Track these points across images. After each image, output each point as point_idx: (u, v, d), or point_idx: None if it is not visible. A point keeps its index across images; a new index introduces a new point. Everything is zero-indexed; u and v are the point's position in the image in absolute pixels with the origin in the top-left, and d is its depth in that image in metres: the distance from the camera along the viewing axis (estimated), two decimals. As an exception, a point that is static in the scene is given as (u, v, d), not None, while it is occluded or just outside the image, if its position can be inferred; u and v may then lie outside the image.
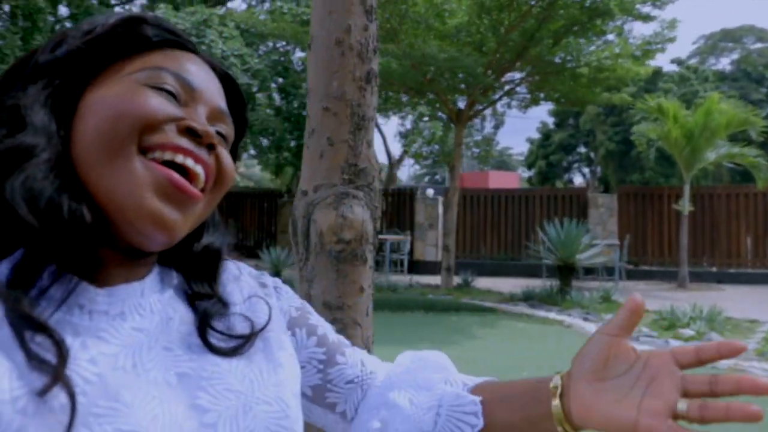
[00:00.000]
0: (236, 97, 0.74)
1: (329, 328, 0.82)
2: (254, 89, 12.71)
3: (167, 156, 0.60)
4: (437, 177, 43.07)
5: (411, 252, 15.07)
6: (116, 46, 0.63)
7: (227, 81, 0.72)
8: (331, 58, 1.62)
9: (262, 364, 0.68)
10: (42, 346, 0.52)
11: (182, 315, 0.66)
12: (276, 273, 12.41)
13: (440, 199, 15.38)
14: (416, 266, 14.84)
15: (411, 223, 15.75)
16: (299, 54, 15.04)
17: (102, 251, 0.61)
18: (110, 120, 0.59)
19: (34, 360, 0.51)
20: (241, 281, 0.75)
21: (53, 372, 0.51)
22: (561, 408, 0.66)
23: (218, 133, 0.66)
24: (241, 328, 0.69)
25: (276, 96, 14.43)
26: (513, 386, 0.74)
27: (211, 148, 0.63)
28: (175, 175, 0.60)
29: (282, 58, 14.78)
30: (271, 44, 14.87)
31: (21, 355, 0.51)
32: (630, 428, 0.60)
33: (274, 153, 15.29)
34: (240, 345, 0.67)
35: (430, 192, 16.25)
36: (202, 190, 0.63)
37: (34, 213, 0.55)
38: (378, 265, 14.44)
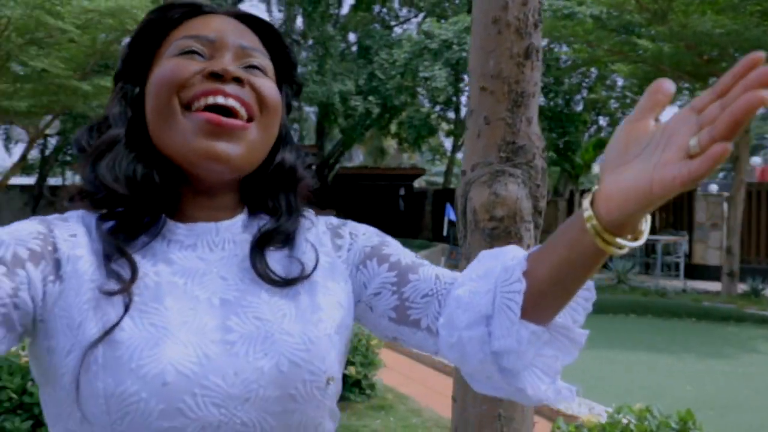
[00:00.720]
0: (267, 30, 0.82)
1: (406, 254, 0.84)
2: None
3: (202, 102, 0.72)
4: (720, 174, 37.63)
5: (689, 255, 13.50)
6: (150, 38, 0.78)
7: (252, 21, 0.81)
8: (487, 37, 1.63)
9: (302, 304, 0.75)
10: (121, 266, 0.70)
11: (248, 255, 0.78)
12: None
13: (725, 195, 13.48)
14: (694, 270, 13.23)
15: (690, 223, 14.11)
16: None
17: (185, 196, 0.77)
18: (155, 95, 0.74)
19: (112, 275, 0.69)
20: (310, 232, 0.84)
21: (123, 284, 0.68)
22: (593, 218, 0.61)
23: (250, 66, 0.76)
24: (291, 270, 0.78)
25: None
26: (556, 232, 0.70)
27: (238, 81, 0.73)
28: (210, 114, 0.71)
29: (544, 56, 14.56)
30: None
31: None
32: (648, 192, 0.55)
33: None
34: (283, 282, 0.76)
35: (714, 188, 14.34)
36: (250, 119, 0.74)
37: (118, 183, 0.72)
38: (648, 268, 13.25)
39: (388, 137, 21.42)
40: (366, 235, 0.86)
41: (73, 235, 0.72)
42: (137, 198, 0.73)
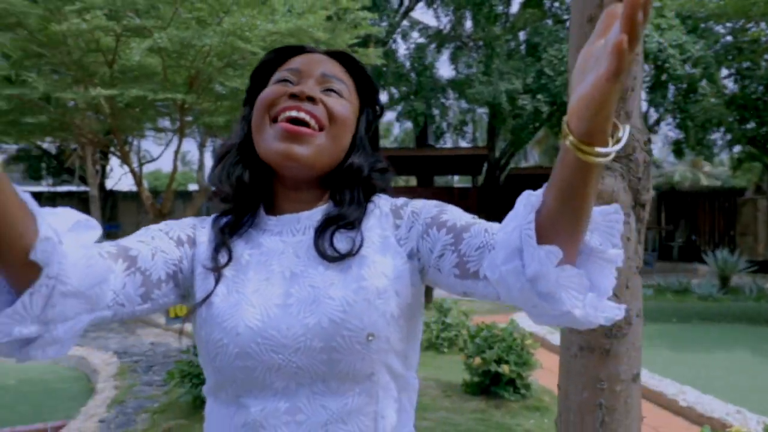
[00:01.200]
0: (352, 64, 1.04)
1: (462, 217, 0.94)
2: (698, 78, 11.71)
3: (283, 116, 0.94)
4: None
5: None
6: (265, 72, 1.04)
7: (341, 57, 1.04)
8: (583, 35, 1.67)
9: (349, 275, 0.93)
10: (222, 252, 0.96)
11: None
12: (723, 279, 11.13)
13: None
14: None
15: None
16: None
17: (277, 192, 1.01)
18: (255, 112, 0.99)
19: (214, 259, 0.95)
20: (373, 214, 1.00)
21: (217, 265, 0.94)
22: (569, 134, 0.69)
23: (329, 89, 0.98)
24: (344, 247, 0.95)
25: (729, 83, 12.93)
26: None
27: (311, 100, 0.95)
28: (286, 124, 0.93)
29: (737, 38, 13.12)
30: (720, 27, 13.38)
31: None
32: (592, 96, 0.63)
33: (725, 146, 13.68)
34: (335, 258, 0.94)
35: None
36: (321, 129, 0.95)
37: (225, 182, 0.99)
38: None
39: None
40: (426, 208, 0.99)
41: (203, 228, 1.01)
42: (239, 193, 0.98)
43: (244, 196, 0.99)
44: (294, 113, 0.93)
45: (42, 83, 7.99)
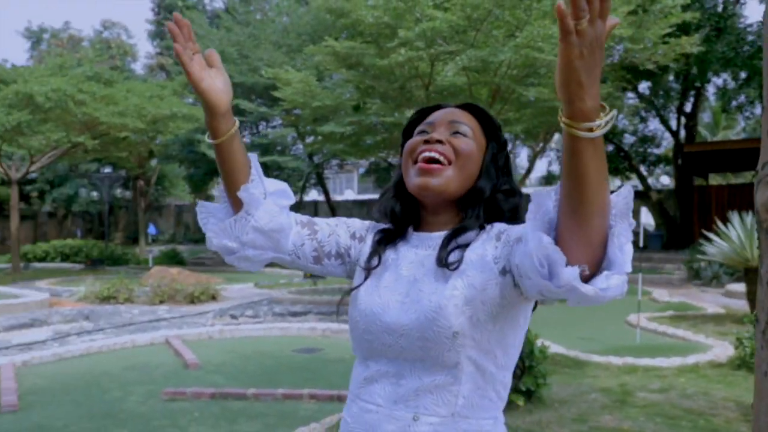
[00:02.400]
0: (477, 110, 1.28)
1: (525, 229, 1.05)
2: None
3: (420, 157, 1.22)
4: None
5: None
6: (413, 126, 1.33)
7: (467, 107, 1.29)
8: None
9: (449, 285, 1.14)
10: (374, 257, 1.28)
11: None
12: None
13: None
14: None
15: None
16: None
17: (422, 216, 1.30)
18: (402, 158, 1.28)
19: (369, 262, 1.28)
20: (480, 237, 1.19)
21: (369, 267, 1.27)
22: (561, 115, 0.85)
23: (456, 132, 1.23)
24: (452, 261, 1.18)
25: None
26: None
27: (440, 142, 1.21)
28: (422, 164, 1.21)
29: None
30: None
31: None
32: (560, 73, 0.82)
33: None
34: (444, 266, 1.17)
35: None
36: (450, 163, 1.21)
37: (381, 213, 1.32)
38: None
39: None
40: (516, 230, 1.13)
41: (372, 232, 1.35)
42: (393, 220, 1.29)
43: (397, 222, 1.28)
44: (427, 153, 1.20)
45: (375, 109, 9.45)
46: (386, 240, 1.28)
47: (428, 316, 1.11)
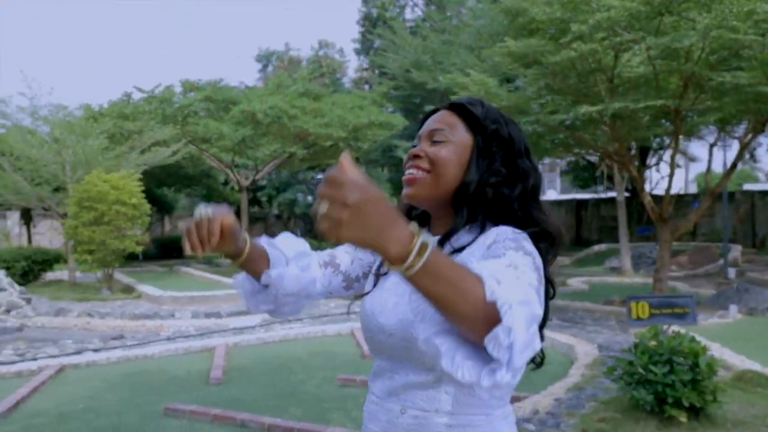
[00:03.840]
0: (461, 109, 1.32)
1: (494, 269, 0.99)
2: None
3: (406, 173, 1.33)
4: None
5: None
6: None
7: (452, 107, 1.34)
8: None
9: None
10: (384, 266, 1.40)
11: None
12: None
13: None
14: None
15: None
16: None
17: (431, 219, 1.40)
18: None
19: (378, 272, 1.41)
20: (476, 241, 1.20)
21: (379, 273, 1.39)
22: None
23: (435, 141, 1.30)
24: None
25: None
26: None
27: (416, 157, 1.30)
28: (404, 178, 1.33)
29: None
30: None
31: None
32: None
33: None
34: None
35: None
36: (429, 172, 1.28)
37: None
38: None
39: None
40: (503, 238, 1.12)
41: None
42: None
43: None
44: (407, 171, 1.30)
45: (552, 107, 9.14)
46: None
47: (407, 320, 1.16)
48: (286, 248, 1.41)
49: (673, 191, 8.75)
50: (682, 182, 32.32)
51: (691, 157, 25.15)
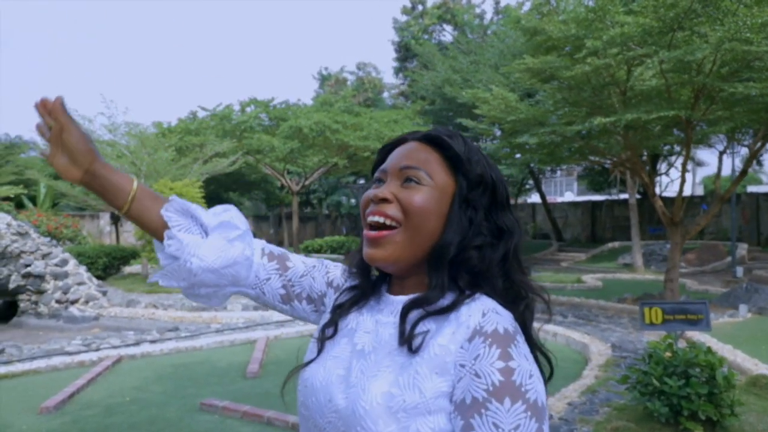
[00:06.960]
0: (436, 140, 0.89)
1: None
2: None
3: (366, 222, 0.90)
4: None
5: None
6: (377, 166, 0.96)
7: (427, 139, 0.90)
8: None
9: (391, 375, 0.80)
10: (330, 329, 0.95)
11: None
12: None
13: None
14: None
15: None
16: None
17: (391, 278, 0.95)
18: (360, 211, 0.95)
19: (323, 331, 0.96)
20: (454, 317, 0.82)
21: (323, 337, 0.95)
22: None
23: (407, 179, 0.87)
24: (416, 342, 0.82)
25: None
26: None
27: (384, 201, 0.87)
28: (368, 231, 0.88)
29: None
30: None
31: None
32: None
33: None
34: (401, 348, 0.83)
35: None
36: (399, 223, 0.87)
37: (355, 269, 0.99)
38: None
39: None
40: (478, 380, 0.75)
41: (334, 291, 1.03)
42: (362, 277, 0.97)
43: (366, 280, 0.96)
44: (370, 218, 0.87)
45: (567, 118, 8.51)
46: (352, 301, 0.95)
47: (355, 411, 0.79)
48: (207, 217, 0.98)
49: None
50: (690, 185, 30.85)
51: (699, 162, 23.92)
